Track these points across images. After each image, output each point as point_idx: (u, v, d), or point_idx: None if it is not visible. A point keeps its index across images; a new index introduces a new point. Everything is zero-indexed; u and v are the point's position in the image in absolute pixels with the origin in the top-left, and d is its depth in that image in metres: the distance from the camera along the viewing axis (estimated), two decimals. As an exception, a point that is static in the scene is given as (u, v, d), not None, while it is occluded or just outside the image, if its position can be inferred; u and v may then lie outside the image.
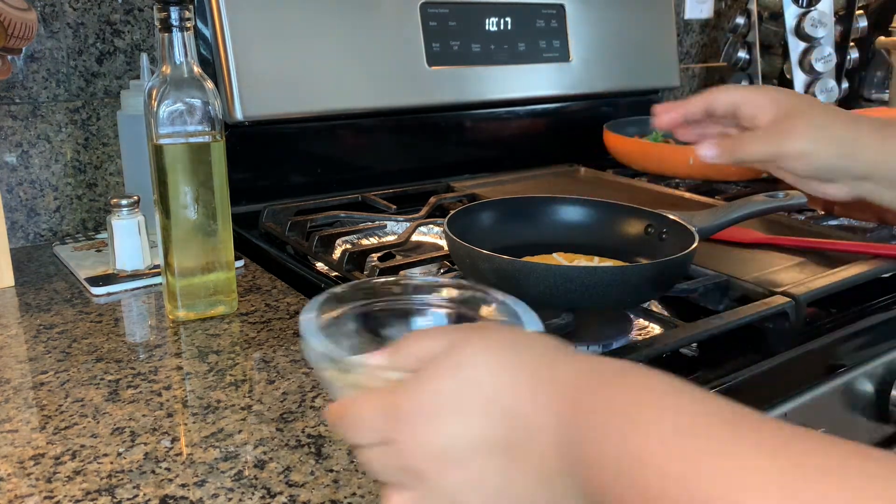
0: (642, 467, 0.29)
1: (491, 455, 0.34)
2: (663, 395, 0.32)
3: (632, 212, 0.80)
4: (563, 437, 0.33)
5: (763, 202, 0.84)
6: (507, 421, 0.34)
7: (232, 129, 1.02)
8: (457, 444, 0.34)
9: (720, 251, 0.85)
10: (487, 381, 0.35)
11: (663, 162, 1.23)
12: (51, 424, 0.58)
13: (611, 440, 0.31)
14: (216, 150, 0.74)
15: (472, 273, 0.69)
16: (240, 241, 0.96)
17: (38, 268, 0.92)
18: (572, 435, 0.32)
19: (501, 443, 0.34)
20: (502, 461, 0.34)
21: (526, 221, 0.82)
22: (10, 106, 0.97)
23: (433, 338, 0.38)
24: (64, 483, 0.51)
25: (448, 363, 0.36)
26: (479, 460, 0.34)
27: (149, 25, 1.05)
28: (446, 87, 1.18)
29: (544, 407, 0.34)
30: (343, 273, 0.82)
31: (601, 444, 0.31)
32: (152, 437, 0.56)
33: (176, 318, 0.76)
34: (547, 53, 1.29)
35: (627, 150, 1.26)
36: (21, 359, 0.69)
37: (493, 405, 0.34)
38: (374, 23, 1.11)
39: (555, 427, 0.33)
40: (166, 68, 0.72)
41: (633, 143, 1.26)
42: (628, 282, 0.63)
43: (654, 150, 1.24)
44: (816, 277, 0.76)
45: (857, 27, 1.63)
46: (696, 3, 1.68)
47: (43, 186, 1.01)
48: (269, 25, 1.02)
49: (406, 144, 1.20)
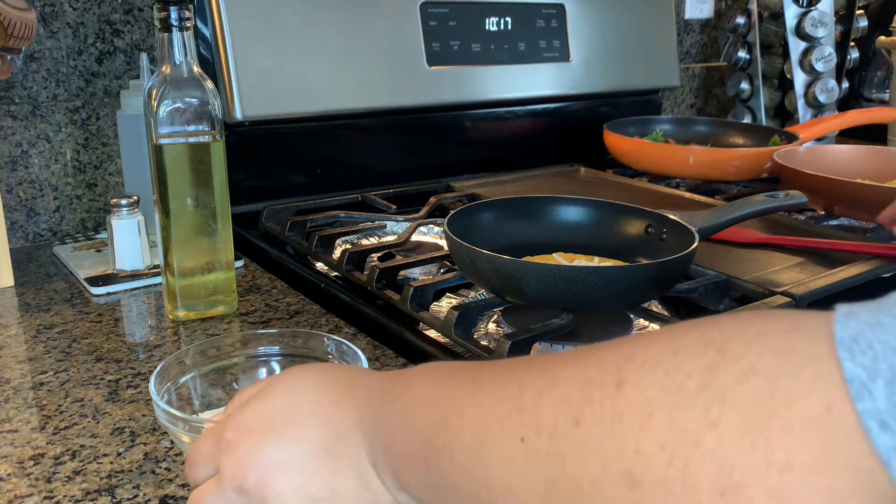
0: (414, 425, 0.35)
1: (318, 458, 0.38)
2: (434, 371, 0.37)
3: (632, 212, 0.80)
4: (366, 432, 0.37)
5: (763, 202, 0.84)
6: (328, 426, 0.38)
7: (232, 129, 1.02)
8: (292, 451, 0.38)
9: (720, 251, 0.85)
10: (312, 395, 0.40)
11: (663, 162, 1.23)
12: (51, 424, 0.58)
13: (397, 419, 0.36)
14: (216, 150, 0.74)
15: (472, 273, 0.69)
16: (240, 241, 0.96)
17: (38, 268, 0.92)
18: (374, 428, 0.37)
19: (327, 445, 0.38)
20: (327, 463, 0.37)
21: (526, 221, 0.82)
22: (10, 106, 0.97)
23: (258, 382, 0.43)
24: (64, 483, 0.51)
25: (278, 385, 0.41)
26: (309, 463, 0.37)
27: (149, 25, 1.05)
28: (446, 87, 1.18)
29: (350, 410, 0.38)
30: (343, 273, 0.82)
31: (391, 427, 0.36)
32: (152, 437, 0.56)
33: (176, 318, 0.76)
34: (547, 53, 1.29)
35: (627, 150, 1.26)
36: (21, 359, 0.69)
37: (317, 414, 0.39)
38: (374, 23, 1.11)
39: (359, 426, 0.37)
40: (166, 68, 0.72)
41: (633, 143, 1.26)
42: (628, 282, 0.63)
43: (654, 150, 1.24)
44: (816, 277, 0.76)
45: (858, 27, 1.63)
46: (696, 3, 1.68)
47: (43, 186, 1.01)
48: (269, 25, 1.02)
49: (406, 144, 1.20)
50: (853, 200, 0.99)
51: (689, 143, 1.35)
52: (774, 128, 1.36)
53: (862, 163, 1.17)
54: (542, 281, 0.63)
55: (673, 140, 1.36)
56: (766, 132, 1.34)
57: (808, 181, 1.01)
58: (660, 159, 1.23)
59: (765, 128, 1.38)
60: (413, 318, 0.72)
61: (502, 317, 0.72)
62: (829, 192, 1.00)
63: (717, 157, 1.21)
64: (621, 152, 1.28)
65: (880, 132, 1.56)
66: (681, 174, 1.22)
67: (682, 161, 1.20)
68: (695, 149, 1.23)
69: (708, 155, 1.21)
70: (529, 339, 0.62)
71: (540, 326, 0.64)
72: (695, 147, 1.26)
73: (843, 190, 0.98)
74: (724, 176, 1.21)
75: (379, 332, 0.73)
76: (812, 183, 1.00)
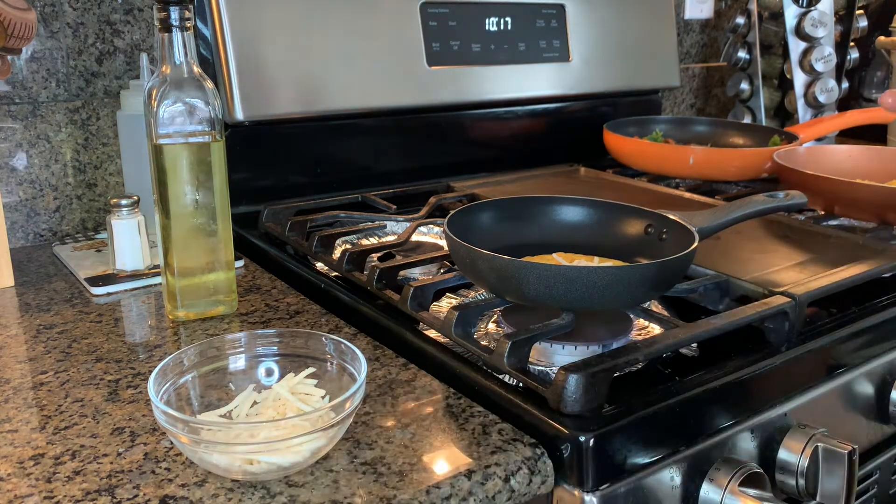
0: None
1: None
2: None
3: (632, 212, 0.80)
4: None
5: (763, 202, 0.84)
6: None
7: (232, 129, 1.02)
8: None
9: (720, 251, 0.85)
10: None
11: (663, 162, 1.23)
12: (51, 424, 0.58)
13: None
14: (216, 150, 0.74)
15: (471, 273, 0.69)
16: (240, 241, 0.96)
17: (38, 268, 0.92)
18: None
19: None
20: None
21: (526, 221, 0.82)
22: (10, 106, 0.97)
23: None
24: (64, 483, 0.51)
25: None
26: None
27: (149, 25, 1.05)
28: (446, 87, 1.18)
29: None
30: (343, 273, 0.82)
31: None
32: (152, 437, 0.56)
33: (176, 318, 0.76)
34: (547, 53, 1.29)
35: (627, 150, 1.26)
36: (21, 359, 0.69)
37: None
38: (374, 23, 1.11)
39: None
40: (166, 68, 0.72)
41: (633, 143, 1.26)
42: (628, 282, 0.63)
43: (654, 150, 1.24)
44: (816, 277, 0.76)
45: (857, 27, 1.63)
46: (696, 3, 1.68)
47: (43, 186, 1.01)
48: (269, 25, 1.02)
49: (406, 144, 1.20)
50: (853, 200, 0.99)
51: (688, 143, 1.35)
52: (774, 128, 1.36)
53: (862, 163, 1.18)
54: (542, 281, 0.63)
55: (673, 140, 1.36)
56: (765, 132, 1.34)
57: (808, 181, 1.01)
58: (660, 159, 1.23)
59: (764, 128, 1.39)
60: (413, 318, 0.72)
61: (502, 317, 0.72)
62: (829, 192, 1.00)
63: (717, 158, 1.21)
64: (621, 152, 1.28)
65: (880, 132, 1.56)
66: (681, 174, 1.22)
67: (682, 161, 1.20)
68: (695, 149, 1.23)
69: (708, 155, 1.21)
70: (529, 339, 0.62)
71: (540, 326, 0.64)
72: (695, 147, 1.26)
73: (843, 190, 0.99)
74: (724, 176, 1.21)
75: (379, 332, 0.73)
76: (812, 183, 1.00)
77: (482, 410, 0.60)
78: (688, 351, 0.70)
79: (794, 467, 0.66)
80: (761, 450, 0.65)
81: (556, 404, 0.57)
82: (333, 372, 0.59)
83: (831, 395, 0.71)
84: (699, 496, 0.60)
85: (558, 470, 0.55)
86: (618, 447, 0.56)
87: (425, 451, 0.55)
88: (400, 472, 0.52)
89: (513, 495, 0.53)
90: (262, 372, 0.60)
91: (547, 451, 0.56)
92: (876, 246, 0.87)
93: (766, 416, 0.65)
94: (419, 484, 0.51)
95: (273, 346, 0.60)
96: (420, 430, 0.57)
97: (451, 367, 0.65)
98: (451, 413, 0.60)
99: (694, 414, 0.61)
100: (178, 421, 0.49)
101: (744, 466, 0.60)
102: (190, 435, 0.49)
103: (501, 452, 0.55)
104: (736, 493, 0.59)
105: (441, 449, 0.55)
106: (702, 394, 0.61)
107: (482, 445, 0.55)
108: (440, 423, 0.58)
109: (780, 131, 1.32)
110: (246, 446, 0.49)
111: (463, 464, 0.53)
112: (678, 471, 0.59)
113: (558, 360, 0.65)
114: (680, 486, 0.59)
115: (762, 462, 0.65)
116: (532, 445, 0.56)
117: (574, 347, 0.66)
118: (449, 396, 0.62)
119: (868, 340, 0.75)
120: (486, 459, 0.54)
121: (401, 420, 0.59)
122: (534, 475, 0.54)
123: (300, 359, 0.60)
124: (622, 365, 0.59)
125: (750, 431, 0.64)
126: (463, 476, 0.52)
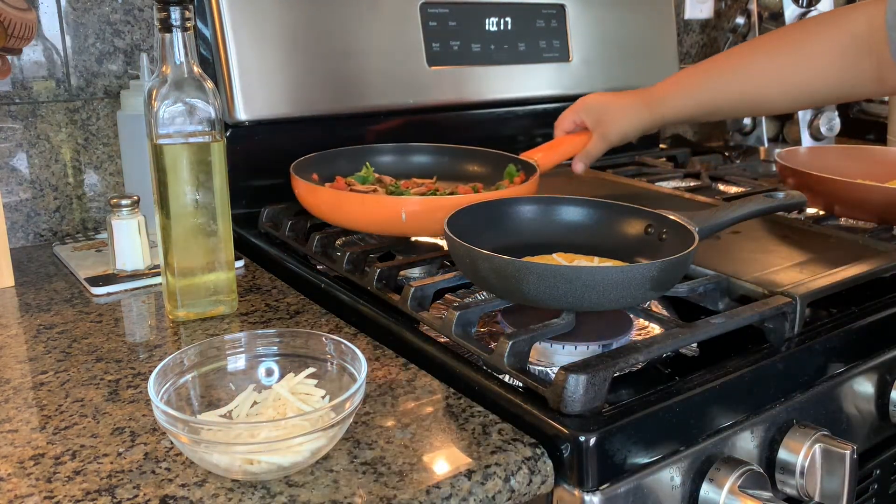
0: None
1: None
2: None
3: (632, 212, 0.80)
4: None
5: (763, 202, 0.84)
6: None
7: (232, 129, 1.02)
8: None
9: (720, 251, 0.85)
10: None
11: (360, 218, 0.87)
12: (51, 424, 0.58)
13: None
14: (216, 150, 0.74)
15: (472, 273, 0.69)
16: (240, 241, 0.96)
17: (38, 268, 0.92)
18: None
19: None
20: None
21: (526, 221, 0.82)
22: (10, 106, 0.97)
23: None
24: (64, 483, 0.51)
25: None
26: None
27: (149, 25, 1.05)
28: (446, 87, 1.18)
29: None
30: (343, 273, 0.82)
31: None
32: (152, 437, 0.56)
33: (176, 318, 0.76)
34: (547, 53, 1.29)
35: (312, 201, 0.91)
36: (21, 359, 0.69)
37: None
38: (374, 23, 1.11)
39: None
40: (166, 68, 0.72)
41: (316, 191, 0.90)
42: (628, 282, 0.63)
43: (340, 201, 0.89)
44: (816, 277, 0.76)
45: (857, 27, 1.62)
46: (696, 3, 1.68)
47: (43, 186, 1.01)
48: (269, 25, 1.02)
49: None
50: (853, 200, 0.99)
51: (410, 177, 1.04)
52: (510, 155, 1.03)
53: (862, 163, 1.17)
54: (542, 281, 0.63)
55: (390, 177, 1.03)
56: (501, 160, 1.03)
57: (808, 181, 1.01)
58: (352, 213, 0.87)
59: (500, 155, 1.05)
60: (413, 318, 0.72)
61: (502, 317, 0.72)
62: (829, 192, 1.00)
63: (435, 206, 0.84)
64: (307, 203, 0.92)
65: (880, 132, 1.56)
66: (392, 232, 0.88)
67: (393, 215, 0.84)
68: (407, 201, 0.86)
69: (425, 206, 0.84)
70: (529, 339, 0.62)
71: (540, 326, 0.64)
72: (407, 199, 0.86)
73: (843, 190, 0.99)
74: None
75: (379, 332, 0.73)
76: (812, 183, 1.00)
77: (482, 410, 0.60)
78: (688, 351, 0.69)
79: (794, 467, 0.66)
80: (761, 450, 0.65)
81: (556, 404, 0.57)
82: (333, 372, 0.59)
83: (831, 395, 0.71)
84: (699, 496, 0.60)
85: (558, 470, 0.55)
86: (618, 447, 0.56)
87: (425, 451, 0.55)
88: (400, 472, 0.52)
89: (513, 495, 0.53)
90: (263, 372, 0.60)
91: (547, 451, 0.56)
92: (876, 246, 0.87)
93: (766, 416, 0.65)
94: (419, 484, 0.51)
95: (273, 346, 0.60)
96: (420, 430, 0.57)
97: (451, 367, 0.65)
98: (451, 413, 0.60)
99: (694, 414, 0.61)
100: (179, 421, 0.49)
101: (744, 466, 0.60)
102: (190, 435, 0.49)
103: (501, 452, 0.55)
104: (736, 493, 0.59)
105: (441, 449, 0.55)
106: (702, 394, 0.61)
107: (482, 445, 0.55)
108: (440, 423, 0.58)
109: (515, 159, 1.02)
110: (246, 446, 0.49)
111: (463, 464, 0.53)
112: (678, 471, 0.59)
113: (558, 360, 0.65)
114: (680, 486, 0.59)
115: (762, 462, 0.65)
116: (532, 445, 0.56)
117: (574, 347, 0.66)
118: (449, 396, 0.62)
119: (868, 340, 0.75)
120: (486, 459, 0.54)
121: (401, 420, 0.59)
122: (534, 475, 0.54)
123: (300, 359, 0.60)
124: (622, 365, 0.59)
125: (750, 431, 0.64)
126: (463, 476, 0.52)
